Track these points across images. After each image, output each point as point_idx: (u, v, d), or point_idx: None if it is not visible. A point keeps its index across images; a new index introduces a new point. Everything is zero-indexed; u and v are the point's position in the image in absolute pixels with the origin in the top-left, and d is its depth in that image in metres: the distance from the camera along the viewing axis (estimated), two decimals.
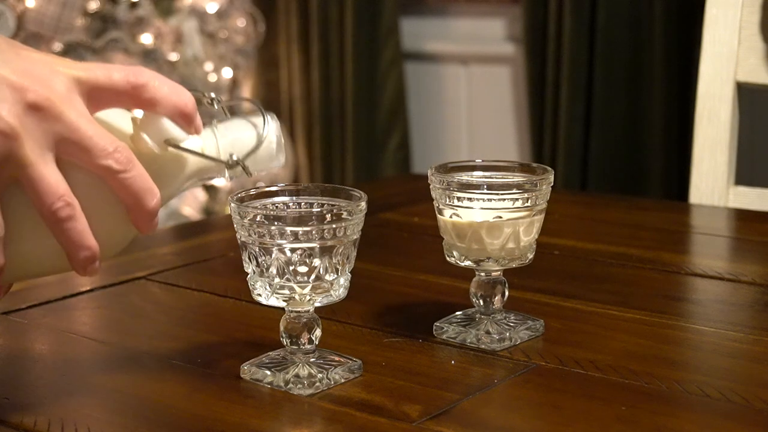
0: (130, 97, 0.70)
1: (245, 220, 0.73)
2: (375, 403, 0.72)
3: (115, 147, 0.68)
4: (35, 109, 0.66)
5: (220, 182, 2.65)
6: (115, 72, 0.69)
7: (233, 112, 0.77)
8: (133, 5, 2.47)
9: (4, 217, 0.67)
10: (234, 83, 2.76)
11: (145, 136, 0.71)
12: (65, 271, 0.71)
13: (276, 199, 0.77)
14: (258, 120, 0.74)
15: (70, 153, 0.68)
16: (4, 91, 0.65)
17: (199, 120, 0.72)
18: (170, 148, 0.72)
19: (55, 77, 0.67)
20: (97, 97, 0.69)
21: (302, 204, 0.77)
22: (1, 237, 0.67)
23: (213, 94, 0.75)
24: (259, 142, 0.74)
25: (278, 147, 0.74)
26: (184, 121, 0.71)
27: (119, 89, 0.69)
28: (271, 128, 0.74)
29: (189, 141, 0.72)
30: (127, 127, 0.71)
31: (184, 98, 0.71)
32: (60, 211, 0.67)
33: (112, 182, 0.69)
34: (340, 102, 2.93)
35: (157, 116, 0.71)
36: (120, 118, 0.72)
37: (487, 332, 0.82)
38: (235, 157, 0.73)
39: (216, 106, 0.75)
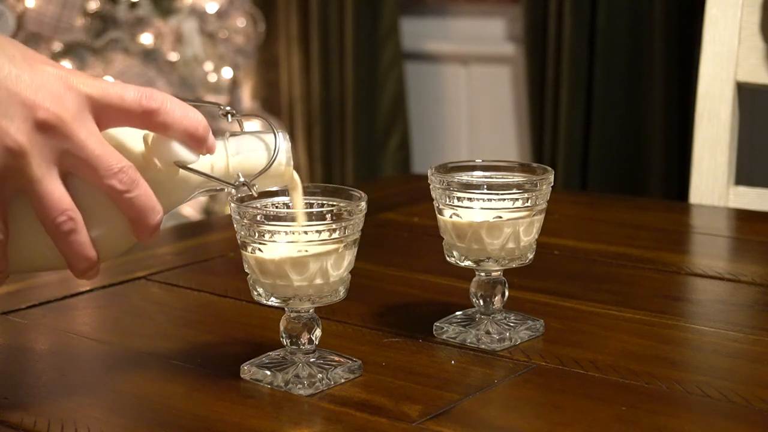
0: (141, 119, 0.70)
1: (245, 220, 0.73)
2: (375, 403, 0.72)
3: (120, 167, 0.69)
4: (45, 127, 0.66)
5: None
6: (128, 93, 0.70)
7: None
8: (133, 5, 2.47)
9: (9, 220, 0.68)
10: (234, 83, 2.75)
11: (154, 157, 0.71)
12: (65, 268, 0.72)
13: (276, 199, 0.77)
14: (270, 138, 0.74)
15: (76, 169, 0.69)
16: (15, 107, 0.66)
17: (211, 140, 0.72)
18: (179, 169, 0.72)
19: (67, 94, 0.67)
20: (108, 116, 0.70)
21: None
22: (2, 241, 0.68)
23: (228, 108, 0.76)
24: (269, 164, 0.73)
25: (287, 167, 0.74)
26: (195, 143, 0.71)
27: (131, 111, 0.70)
28: (282, 149, 0.74)
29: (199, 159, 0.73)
30: (138, 145, 0.72)
31: (195, 122, 0.71)
32: (63, 225, 0.68)
33: (115, 200, 0.70)
34: (340, 102, 2.93)
35: (168, 138, 0.71)
36: (132, 135, 0.72)
37: (487, 332, 0.82)
38: (242, 179, 0.73)
39: (230, 120, 0.76)
